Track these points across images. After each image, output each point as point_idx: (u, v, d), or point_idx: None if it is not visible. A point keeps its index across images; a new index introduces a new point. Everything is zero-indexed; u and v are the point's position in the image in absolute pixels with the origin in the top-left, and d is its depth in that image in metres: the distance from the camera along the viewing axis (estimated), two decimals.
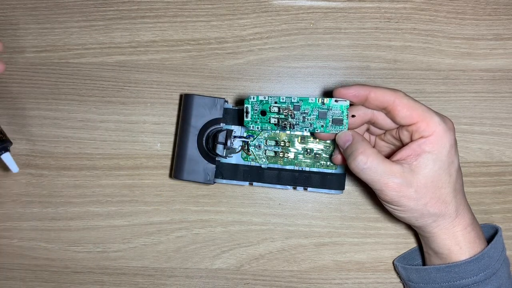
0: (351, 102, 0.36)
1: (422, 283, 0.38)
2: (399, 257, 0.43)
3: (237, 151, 0.41)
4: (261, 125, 0.38)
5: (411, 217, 0.36)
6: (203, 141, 0.40)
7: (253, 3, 0.44)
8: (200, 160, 0.41)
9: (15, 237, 0.44)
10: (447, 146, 0.34)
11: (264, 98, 0.37)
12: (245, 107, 0.37)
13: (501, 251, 0.37)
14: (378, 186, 0.34)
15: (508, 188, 0.43)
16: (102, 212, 0.44)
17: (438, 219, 0.36)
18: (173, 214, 0.44)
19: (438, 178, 0.34)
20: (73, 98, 0.44)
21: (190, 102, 0.40)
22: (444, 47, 0.43)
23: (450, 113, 0.43)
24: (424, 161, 0.34)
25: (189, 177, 0.41)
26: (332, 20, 0.44)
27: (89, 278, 0.44)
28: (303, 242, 0.44)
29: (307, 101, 0.36)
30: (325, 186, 0.41)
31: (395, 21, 0.44)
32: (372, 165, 0.34)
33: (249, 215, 0.44)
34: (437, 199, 0.35)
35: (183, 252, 0.44)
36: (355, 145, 0.35)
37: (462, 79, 0.43)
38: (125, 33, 0.44)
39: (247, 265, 0.44)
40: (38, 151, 0.44)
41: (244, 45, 0.44)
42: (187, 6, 0.44)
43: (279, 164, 0.41)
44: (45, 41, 0.44)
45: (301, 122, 0.37)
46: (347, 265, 0.43)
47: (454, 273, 0.36)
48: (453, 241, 0.36)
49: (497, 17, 0.43)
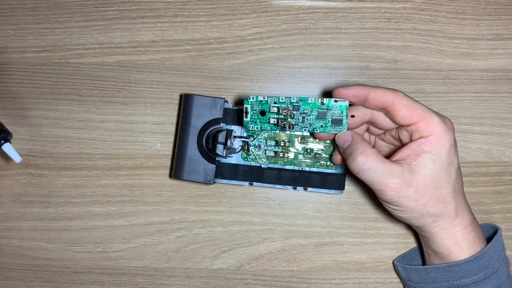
0: (350, 102, 0.36)
1: (422, 282, 0.39)
2: (399, 257, 0.43)
3: (237, 151, 0.41)
4: (260, 125, 0.38)
5: (410, 217, 0.36)
6: (203, 141, 0.40)
7: (253, 3, 0.44)
8: (200, 160, 0.41)
9: (15, 237, 0.44)
10: (447, 146, 0.34)
11: (263, 98, 0.37)
12: (245, 107, 0.37)
13: (500, 251, 0.38)
14: (378, 186, 0.34)
15: (508, 188, 0.43)
16: (102, 212, 0.44)
17: (438, 219, 0.36)
18: (173, 214, 0.44)
19: (438, 178, 0.34)
20: (73, 98, 0.44)
21: (190, 102, 0.40)
22: (444, 47, 0.43)
23: (450, 113, 0.43)
24: (423, 161, 0.34)
25: (189, 177, 0.41)
26: (332, 20, 0.44)
27: (89, 278, 0.44)
28: (303, 242, 0.44)
29: (306, 101, 0.36)
30: (325, 186, 0.41)
31: (395, 21, 0.44)
32: (372, 165, 0.34)
33: (249, 215, 0.44)
34: (437, 199, 0.35)
35: (183, 252, 0.44)
36: (354, 145, 0.35)
37: (462, 79, 0.43)
38: (125, 33, 0.44)
39: (247, 265, 0.44)
40: (38, 151, 0.44)
41: (244, 45, 0.44)
42: (187, 6, 0.44)
43: (279, 164, 0.41)
44: (45, 41, 0.44)
45: (301, 122, 0.37)
46: (347, 265, 0.43)
47: (454, 272, 0.36)
48: (453, 241, 0.36)
49: (497, 17, 0.43)
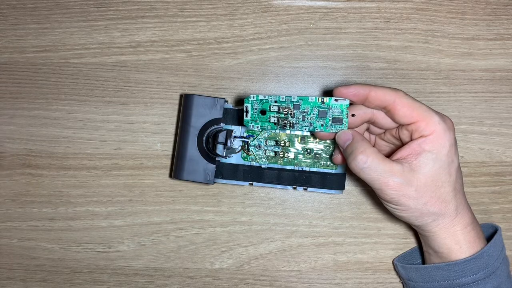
0: (351, 101, 0.36)
1: (422, 281, 0.39)
2: (398, 257, 0.43)
3: (237, 151, 0.41)
4: (261, 124, 0.38)
5: (411, 216, 0.36)
6: (203, 141, 0.40)
7: (253, 3, 0.44)
8: (200, 160, 0.41)
9: (15, 237, 0.44)
10: (447, 145, 0.34)
11: (264, 97, 0.37)
12: (245, 106, 0.37)
13: (500, 250, 0.38)
14: (378, 185, 0.34)
15: (508, 188, 0.43)
16: (102, 212, 0.44)
17: (438, 218, 0.36)
18: (173, 214, 0.44)
19: (438, 177, 0.34)
20: (73, 98, 0.44)
21: (190, 102, 0.40)
22: (444, 47, 0.43)
23: (450, 113, 0.43)
24: (424, 160, 0.34)
25: (189, 177, 0.41)
26: (332, 20, 0.44)
27: (89, 278, 0.44)
28: (303, 242, 0.44)
29: (307, 100, 0.36)
30: (325, 186, 0.41)
31: (395, 21, 0.44)
32: (372, 165, 0.34)
33: (249, 215, 0.44)
34: (437, 198, 0.35)
35: (183, 252, 0.44)
36: (355, 145, 0.35)
37: (462, 79, 0.43)
38: (125, 33, 0.44)
39: (247, 265, 0.44)
40: (38, 151, 0.44)
41: (244, 45, 0.44)
42: (187, 6, 0.44)
43: (279, 164, 0.41)
44: (45, 41, 0.44)
45: (301, 121, 0.37)
46: (347, 265, 0.43)
47: (454, 271, 0.36)
48: (453, 240, 0.36)
49: (497, 17, 0.43)
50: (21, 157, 0.44)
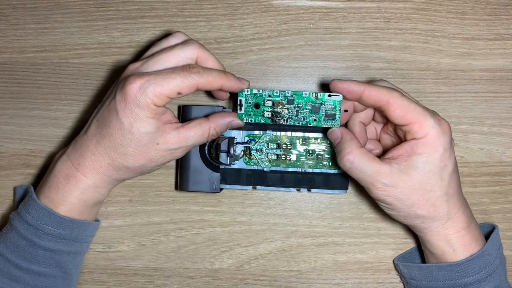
0: (344, 97, 0.36)
1: (424, 280, 0.38)
2: (399, 257, 0.43)
3: (240, 157, 0.41)
4: (254, 118, 0.38)
5: (398, 215, 0.36)
6: (206, 150, 0.40)
7: (253, 3, 0.44)
8: (205, 170, 0.41)
9: None
10: (440, 150, 0.34)
11: (258, 91, 0.37)
12: (239, 100, 0.38)
13: (497, 249, 0.38)
14: (366, 185, 0.35)
15: (508, 188, 0.43)
16: (102, 212, 0.44)
17: (426, 221, 0.36)
18: (173, 214, 0.44)
19: (427, 181, 0.34)
20: (73, 98, 0.44)
21: (188, 113, 0.40)
22: (444, 47, 0.43)
23: (450, 113, 0.43)
24: (413, 163, 0.34)
25: (195, 188, 0.41)
26: (332, 20, 0.44)
27: (89, 278, 0.44)
28: (303, 242, 0.44)
29: (300, 95, 0.37)
30: (328, 186, 0.41)
31: (395, 21, 0.44)
32: (359, 165, 0.35)
33: (249, 215, 0.44)
34: (425, 201, 0.35)
35: (183, 252, 0.44)
36: (343, 145, 0.36)
37: (462, 79, 0.43)
38: (125, 33, 0.44)
39: (247, 265, 0.44)
40: (38, 151, 0.44)
41: (244, 45, 0.44)
42: (187, 6, 0.44)
43: (281, 167, 0.41)
44: (45, 41, 0.44)
45: (294, 116, 0.37)
46: (347, 265, 0.43)
47: (456, 272, 0.36)
48: (445, 243, 0.36)
49: (497, 17, 0.43)
50: (21, 157, 0.44)
